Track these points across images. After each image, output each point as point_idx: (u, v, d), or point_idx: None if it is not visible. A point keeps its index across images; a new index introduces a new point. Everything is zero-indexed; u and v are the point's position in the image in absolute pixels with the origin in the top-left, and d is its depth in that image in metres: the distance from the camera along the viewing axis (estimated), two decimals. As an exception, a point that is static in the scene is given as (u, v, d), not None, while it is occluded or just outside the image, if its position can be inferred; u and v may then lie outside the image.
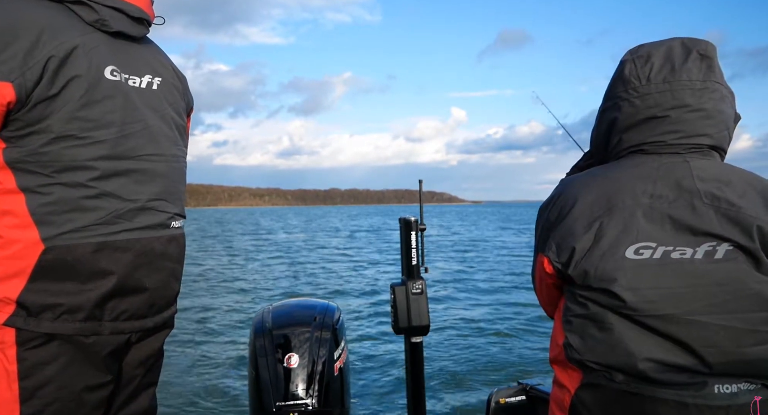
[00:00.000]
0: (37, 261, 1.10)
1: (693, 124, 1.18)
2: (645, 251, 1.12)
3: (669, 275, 1.09)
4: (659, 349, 1.09)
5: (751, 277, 1.06)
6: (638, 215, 1.14)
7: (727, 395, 1.07)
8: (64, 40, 1.10)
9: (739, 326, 1.06)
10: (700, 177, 1.15)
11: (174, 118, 1.35)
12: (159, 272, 1.26)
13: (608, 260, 1.12)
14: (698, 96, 1.18)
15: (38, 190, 1.10)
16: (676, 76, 1.19)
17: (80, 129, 1.12)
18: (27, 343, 1.10)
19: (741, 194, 1.12)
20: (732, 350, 1.07)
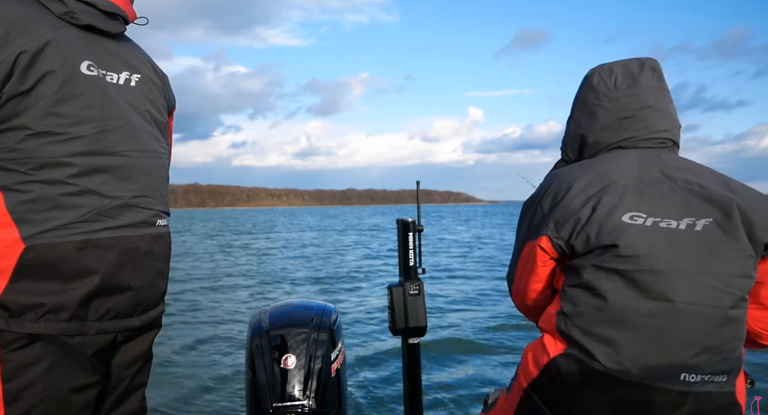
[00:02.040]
0: (18, 260, 1.08)
1: (656, 121, 1.38)
2: (638, 218, 1.26)
3: (660, 238, 1.24)
4: (642, 309, 1.21)
5: (723, 247, 1.22)
6: (629, 191, 1.29)
7: (688, 383, 1.18)
8: (36, 35, 1.08)
9: (706, 287, 1.20)
10: (672, 166, 1.33)
11: (154, 115, 1.33)
12: (144, 270, 1.24)
13: (608, 223, 1.26)
14: (657, 98, 1.39)
15: (16, 188, 1.08)
16: (636, 83, 1.41)
17: (57, 125, 1.10)
18: (10, 344, 1.08)
19: (706, 180, 1.30)
20: (712, 312, 1.19)
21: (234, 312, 7.94)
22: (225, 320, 7.39)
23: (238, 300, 9.03)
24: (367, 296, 9.28)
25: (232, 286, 10.73)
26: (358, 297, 9.23)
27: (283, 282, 11.33)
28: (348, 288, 10.34)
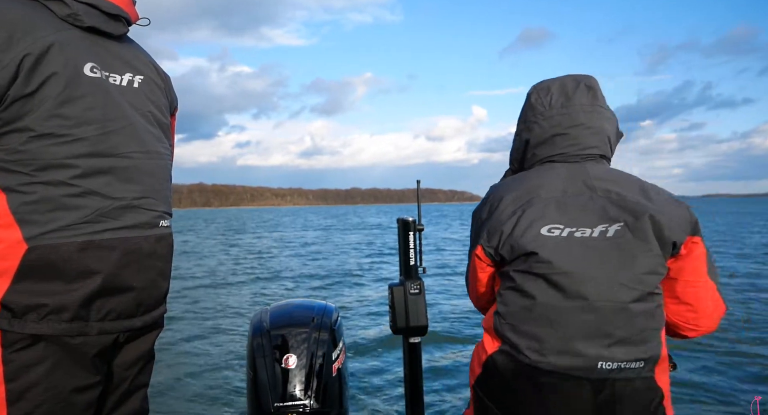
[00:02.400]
0: (21, 261, 1.08)
1: (586, 138, 1.52)
2: (555, 230, 1.43)
3: (574, 246, 1.41)
4: (563, 306, 1.37)
5: (631, 247, 1.37)
6: (551, 205, 1.45)
7: (606, 370, 1.33)
8: (39, 37, 1.08)
9: (617, 284, 1.35)
10: (596, 177, 1.48)
11: (156, 116, 1.34)
12: (147, 271, 1.24)
13: (528, 235, 1.43)
14: (588, 117, 1.52)
15: (19, 190, 1.09)
16: (570, 102, 1.53)
17: (60, 126, 1.10)
18: (13, 345, 1.08)
19: (625, 188, 1.45)
20: (630, 307, 1.35)
21: (235, 312, 7.95)
22: (226, 319, 7.40)
23: (239, 300, 9.04)
24: (368, 296, 9.28)
25: (233, 285, 10.73)
26: (359, 297, 9.23)
27: (284, 282, 11.34)
28: (349, 288, 10.34)
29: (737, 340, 5.82)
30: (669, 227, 1.37)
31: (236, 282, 11.26)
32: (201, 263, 14.89)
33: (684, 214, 1.40)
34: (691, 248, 1.41)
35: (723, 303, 1.50)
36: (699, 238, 1.41)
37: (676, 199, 1.44)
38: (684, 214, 1.40)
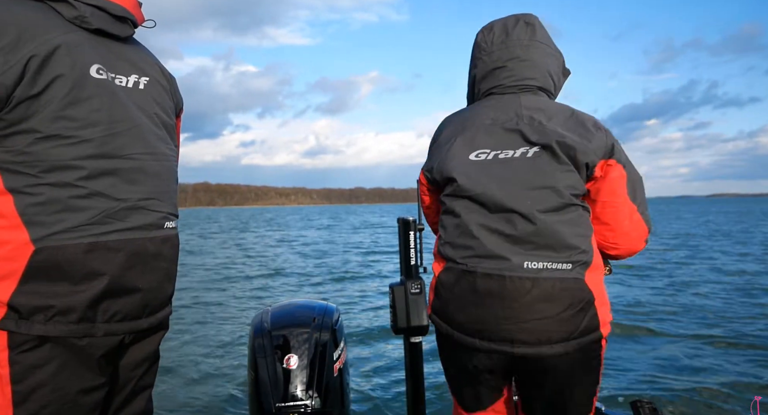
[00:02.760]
0: (28, 262, 1.09)
1: (522, 70, 1.64)
2: (482, 154, 1.62)
3: (496, 168, 1.58)
4: (489, 218, 1.55)
5: (551, 167, 1.53)
6: (481, 132, 1.63)
7: (533, 270, 1.48)
8: (46, 39, 1.09)
9: (540, 197, 1.51)
10: (525, 107, 1.62)
11: (162, 118, 1.34)
12: (152, 272, 1.25)
13: (454, 161, 1.63)
14: (525, 51, 1.64)
15: (26, 191, 1.09)
16: (509, 38, 1.66)
17: (66, 128, 1.11)
18: (19, 346, 1.09)
19: (549, 117, 1.58)
20: (541, 217, 1.49)
21: (236, 312, 7.95)
22: (227, 319, 7.40)
23: (239, 300, 9.04)
24: (369, 296, 9.28)
25: (234, 285, 10.74)
26: (360, 297, 9.24)
27: (285, 281, 11.34)
28: (350, 287, 10.34)
29: (737, 340, 5.82)
30: (582, 150, 1.51)
31: (237, 282, 11.27)
32: (202, 262, 14.89)
33: (600, 139, 1.54)
34: (606, 171, 1.55)
35: (644, 225, 1.61)
36: (614, 161, 1.54)
37: (598, 125, 1.57)
38: (600, 139, 1.54)
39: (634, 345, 5.67)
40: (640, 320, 6.75)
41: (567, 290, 1.48)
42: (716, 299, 8.24)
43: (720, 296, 8.46)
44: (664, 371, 4.82)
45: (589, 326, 1.50)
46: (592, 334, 1.50)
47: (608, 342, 1.63)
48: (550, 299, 1.47)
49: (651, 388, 4.37)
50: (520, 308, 1.48)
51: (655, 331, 6.24)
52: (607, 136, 1.55)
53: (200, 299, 9.04)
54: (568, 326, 1.47)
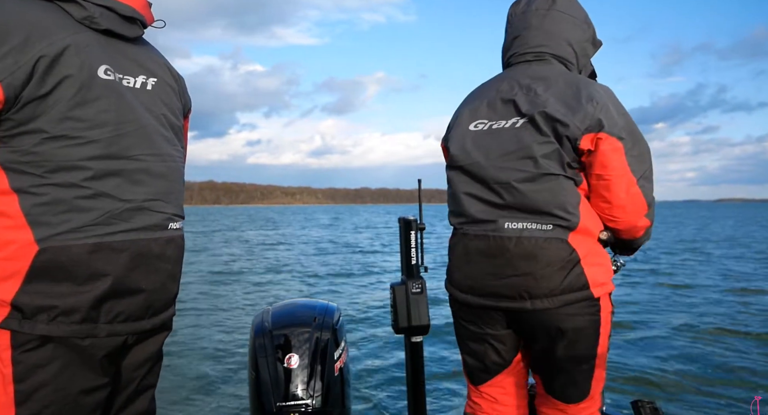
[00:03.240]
0: (32, 262, 1.09)
1: (534, 38, 1.70)
2: (480, 124, 1.72)
3: (487, 139, 1.68)
4: (474, 187, 1.68)
5: (531, 138, 1.59)
6: (485, 103, 1.73)
7: (515, 230, 1.59)
8: (55, 40, 1.09)
9: (518, 168, 1.60)
10: (529, 76, 1.67)
11: (169, 119, 1.34)
12: (156, 273, 1.25)
13: (457, 131, 1.76)
14: (540, 20, 1.70)
15: (31, 191, 1.09)
16: (528, 8, 1.73)
17: (73, 129, 1.11)
18: (22, 346, 1.09)
19: (548, 87, 1.61)
20: (517, 186, 1.59)
21: (237, 311, 7.95)
22: (228, 319, 7.40)
23: (240, 299, 9.04)
24: (369, 295, 9.28)
25: (235, 285, 10.74)
26: (361, 296, 9.24)
27: (287, 281, 11.34)
28: (351, 287, 10.35)
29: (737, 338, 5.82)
30: (563, 123, 1.55)
31: (239, 281, 11.28)
32: (204, 261, 14.90)
33: (585, 112, 1.53)
34: (597, 144, 1.55)
35: (642, 199, 1.60)
36: (605, 134, 1.53)
37: (592, 97, 1.55)
38: (585, 112, 1.53)
39: (633, 345, 5.67)
40: (640, 320, 6.75)
41: (547, 248, 1.55)
42: (717, 298, 8.24)
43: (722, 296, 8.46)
44: (664, 372, 4.81)
45: (575, 284, 1.55)
46: (579, 292, 1.55)
47: (615, 317, 1.68)
48: (530, 257, 1.56)
49: (651, 389, 4.37)
50: (503, 265, 1.60)
51: (656, 331, 6.24)
52: (598, 110, 1.53)
53: (201, 299, 9.04)
54: (549, 283, 1.55)
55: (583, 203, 1.60)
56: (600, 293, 1.59)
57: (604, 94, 1.58)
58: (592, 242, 1.60)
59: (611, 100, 1.58)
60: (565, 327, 1.58)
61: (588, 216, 1.59)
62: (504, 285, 1.60)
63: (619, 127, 1.55)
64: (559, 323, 1.58)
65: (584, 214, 1.58)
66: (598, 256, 1.61)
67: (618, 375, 4.63)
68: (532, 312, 1.59)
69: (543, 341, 1.63)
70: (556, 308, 1.56)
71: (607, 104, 1.55)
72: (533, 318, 1.60)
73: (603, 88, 1.61)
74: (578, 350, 1.61)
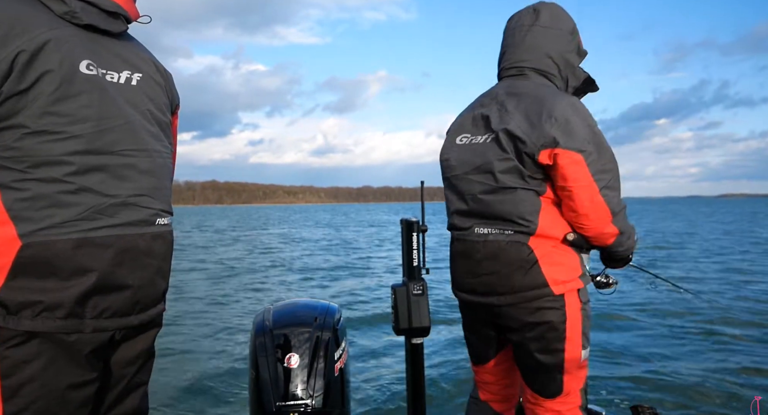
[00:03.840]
0: (15, 258, 1.08)
1: (516, 54, 1.83)
2: (464, 138, 1.87)
3: (469, 152, 1.84)
4: (456, 197, 1.89)
5: (493, 154, 1.76)
6: (470, 117, 1.88)
7: (482, 234, 1.78)
8: (35, 35, 1.08)
9: (481, 181, 1.78)
10: (506, 91, 1.80)
11: (155, 114, 1.33)
12: (143, 269, 1.24)
13: (447, 144, 1.95)
14: (522, 35, 1.82)
15: (13, 186, 1.09)
16: (517, 23, 1.84)
17: (54, 124, 1.10)
18: (8, 341, 1.09)
19: (518, 104, 1.74)
20: (480, 198, 1.79)
21: (237, 311, 7.96)
22: (228, 318, 7.41)
23: (242, 299, 9.05)
24: (371, 296, 9.28)
25: (237, 284, 10.75)
26: (362, 297, 9.24)
27: (288, 280, 11.35)
28: (352, 287, 10.35)
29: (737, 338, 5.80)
30: (522, 140, 1.68)
31: (240, 280, 11.29)
32: (205, 260, 14.92)
33: (542, 130, 1.65)
34: (555, 158, 1.65)
35: (606, 207, 1.69)
36: (561, 149, 1.64)
37: (551, 115, 1.65)
38: (542, 130, 1.65)
39: (631, 346, 5.66)
40: (640, 320, 6.73)
41: (507, 250, 1.73)
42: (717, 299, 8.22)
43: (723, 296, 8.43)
44: (664, 372, 4.80)
45: (533, 283, 1.71)
46: (538, 289, 1.71)
47: (587, 307, 1.80)
48: (494, 258, 1.75)
49: (651, 390, 4.35)
50: (474, 265, 1.81)
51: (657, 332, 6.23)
52: (555, 127, 1.64)
53: (202, 298, 9.06)
54: (510, 281, 1.73)
55: (544, 210, 1.72)
56: (562, 290, 1.71)
57: (567, 109, 1.66)
58: (552, 244, 1.73)
59: (576, 115, 1.66)
60: (530, 321, 1.73)
61: (548, 222, 1.72)
62: (478, 283, 1.81)
63: (579, 141, 1.64)
64: (524, 317, 1.74)
65: (544, 220, 1.71)
66: (559, 256, 1.73)
67: (617, 380, 4.62)
68: (499, 307, 1.77)
69: (515, 334, 1.79)
70: (518, 303, 1.73)
71: (567, 120, 1.64)
72: (503, 313, 1.78)
73: (569, 104, 1.68)
74: (545, 344, 1.74)
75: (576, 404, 1.80)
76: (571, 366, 1.74)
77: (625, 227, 1.76)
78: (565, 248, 1.75)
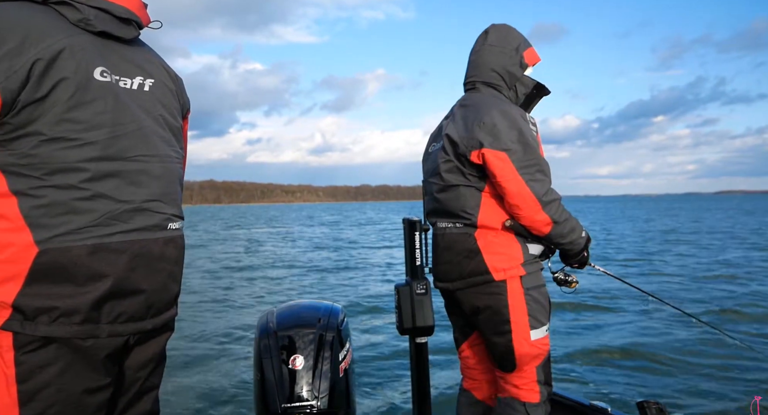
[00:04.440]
0: (32, 264, 1.09)
1: (469, 71, 2.16)
2: (431, 147, 2.22)
3: (429, 158, 2.22)
4: (426, 200, 2.24)
5: (440, 158, 2.08)
6: (438, 126, 2.26)
7: (442, 227, 2.09)
8: (51, 43, 1.09)
9: (434, 182, 2.11)
10: (460, 103, 2.13)
11: (167, 120, 1.34)
12: (156, 273, 1.25)
13: (424, 153, 2.29)
14: (476, 53, 2.14)
15: (30, 193, 1.10)
16: (474, 46, 2.16)
17: (70, 131, 1.11)
18: (24, 346, 1.10)
19: (463, 114, 2.04)
20: (436, 196, 2.11)
21: (241, 312, 7.96)
22: (232, 320, 7.41)
23: (245, 300, 9.06)
24: (374, 296, 9.28)
25: (239, 285, 10.76)
26: (365, 297, 9.24)
27: (290, 281, 11.35)
28: (355, 288, 10.35)
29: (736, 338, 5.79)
30: (458, 144, 1.99)
31: (243, 281, 11.29)
32: (207, 261, 14.93)
33: (471, 134, 1.94)
34: (483, 157, 1.92)
35: (533, 196, 1.89)
36: (487, 149, 1.90)
37: (481, 121, 1.93)
38: (471, 134, 1.94)
39: (631, 345, 5.66)
40: (640, 320, 6.73)
41: (457, 241, 2.03)
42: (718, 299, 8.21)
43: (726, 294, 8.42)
44: (664, 372, 4.80)
45: (476, 270, 1.98)
46: (480, 276, 1.97)
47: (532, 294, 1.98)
48: (448, 248, 2.06)
49: (657, 386, 4.35)
50: (438, 255, 2.13)
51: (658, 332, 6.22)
52: (483, 130, 1.92)
53: (205, 300, 9.06)
54: (458, 268, 2.02)
55: (484, 204, 1.99)
56: (502, 276, 1.96)
57: (497, 115, 1.93)
58: (493, 234, 1.98)
59: (505, 119, 1.92)
60: (477, 305, 2.00)
61: (487, 214, 1.99)
62: (440, 271, 2.12)
63: (504, 142, 1.90)
64: (473, 301, 2.02)
65: (483, 213, 1.99)
66: (500, 246, 1.98)
67: (623, 377, 4.62)
68: (453, 292, 2.07)
69: (470, 316, 2.07)
70: (466, 288, 2.01)
71: (495, 124, 1.91)
72: (457, 297, 2.07)
73: (498, 111, 1.94)
74: (493, 327, 1.99)
75: (531, 378, 2.01)
76: (520, 345, 1.97)
77: (559, 217, 1.93)
78: (508, 237, 1.98)
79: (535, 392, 2.00)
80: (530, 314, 1.97)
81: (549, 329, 2.04)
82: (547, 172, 1.95)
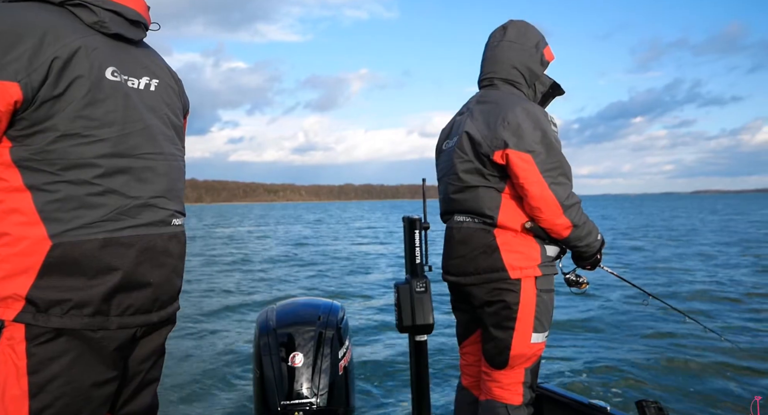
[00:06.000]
0: (45, 258, 1.12)
1: (486, 67, 2.09)
2: (446, 144, 2.17)
3: (444, 156, 2.18)
4: (441, 199, 2.21)
5: (456, 157, 2.04)
6: (450, 122, 2.23)
7: (458, 221, 2.06)
8: (67, 42, 1.14)
9: (450, 182, 2.08)
10: (477, 100, 2.06)
11: (171, 119, 1.39)
12: (161, 267, 1.29)
13: (437, 150, 2.28)
14: (492, 50, 2.07)
15: (45, 188, 1.13)
16: (489, 41, 2.11)
17: (84, 127, 1.15)
18: (36, 338, 1.12)
19: (482, 111, 1.98)
20: (452, 197, 2.08)
21: (241, 310, 7.97)
22: (232, 318, 7.42)
23: (244, 298, 9.06)
24: (374, 294, 9.29)
25: (239, 284, 10.77)
26: (365, 295, 9.25)
27: (290, 280, 11.36)
28: (355, 286, 10.35)
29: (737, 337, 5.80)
30: (480, 143, 1.93)
31: (242, 280, 11.30)
32: (205, 259, 14.93)
33: (495, 133, 1.89)
34: (507, 158, 1.87)
35: (556, 200, 1.86)
36: (511, 150, 1.86)
37: (505, 120, 1.88)
38: (495, 133, 1.89)
39: (631, 345, 5.66)
40: (639, 320, 6.73)
41: (474, 237, 1.99)
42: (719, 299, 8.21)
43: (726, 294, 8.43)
44: (664, 372, 4.80)
45: (493, 266, 1.94)
46: (496, 273, 1.94)
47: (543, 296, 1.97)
48: (464, 242, 2.02)
49: (655, 386, 4.35)
50: (451, 248, 2.08)
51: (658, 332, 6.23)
52: (507, 130, 1.87)
53: (205, 297, 9.07)
54: (474, 263, 1.98)
55: (504, 205, 1.95)
56: (518, 275, 1.93)
57: (521, 114, 1.88)
58: (513, 234, 1.95)
59: (529, 119, 1.87)
60: (488, 300, 1.97)
61: (507, 214, 1.94)
62: (452, 265, 2.07)
63: (528, 143, 1.85)
64: (484, 296, 1.98)
65: (503, 213, 1.95)
66: (518, 245, 1.95)
67: (620, 376, 4.63)
68: (464, 286, 2.03)
69: (478, 310, 2.04)
70: (480, 283, 1.97)
71: (519, 124, 1.86)
72: (468, 291, 2.03)
73: (522, 110, 1.89)
74: (498, 320, 1.97)
75: (518, 379, 2.00)
76: (519, 344, 1.95)
77: (579, 220, 1.92)
78: (526, 238, 1.95)
79: (519, 395, 2.00)
80: (537, 317, 1.95)
81: (548, 337, 2.03)
82: (569, 175, 1.93)
